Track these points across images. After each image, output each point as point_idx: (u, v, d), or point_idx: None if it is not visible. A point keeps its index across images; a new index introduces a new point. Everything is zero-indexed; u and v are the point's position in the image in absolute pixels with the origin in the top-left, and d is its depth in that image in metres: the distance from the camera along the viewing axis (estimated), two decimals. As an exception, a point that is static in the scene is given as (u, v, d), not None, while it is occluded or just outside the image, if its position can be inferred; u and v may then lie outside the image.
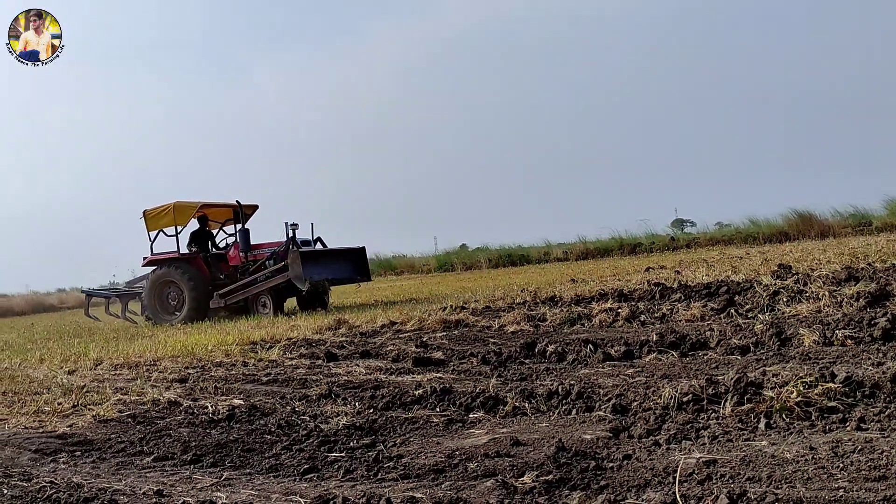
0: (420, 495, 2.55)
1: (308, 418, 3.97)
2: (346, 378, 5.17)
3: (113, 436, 3.90)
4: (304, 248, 12.71)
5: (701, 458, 2.66)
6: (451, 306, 9.63)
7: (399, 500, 2.49)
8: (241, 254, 13.20)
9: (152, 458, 3.43)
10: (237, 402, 4.50)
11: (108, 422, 4.24)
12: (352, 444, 3.41)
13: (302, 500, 2.61)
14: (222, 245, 14.33)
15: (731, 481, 2.41)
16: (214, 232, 14.58)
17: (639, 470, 2.63)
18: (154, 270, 13.29)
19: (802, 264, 9.99)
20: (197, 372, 5.93)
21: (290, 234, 12.79)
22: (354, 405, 4.20)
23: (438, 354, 5.80)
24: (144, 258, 13.53)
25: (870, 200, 23.39)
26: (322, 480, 2.92)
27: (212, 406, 4.40)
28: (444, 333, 7.22)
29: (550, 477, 2.61)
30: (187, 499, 2.71)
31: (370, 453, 3.21)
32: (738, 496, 2.19)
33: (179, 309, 12.95)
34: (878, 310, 5.61)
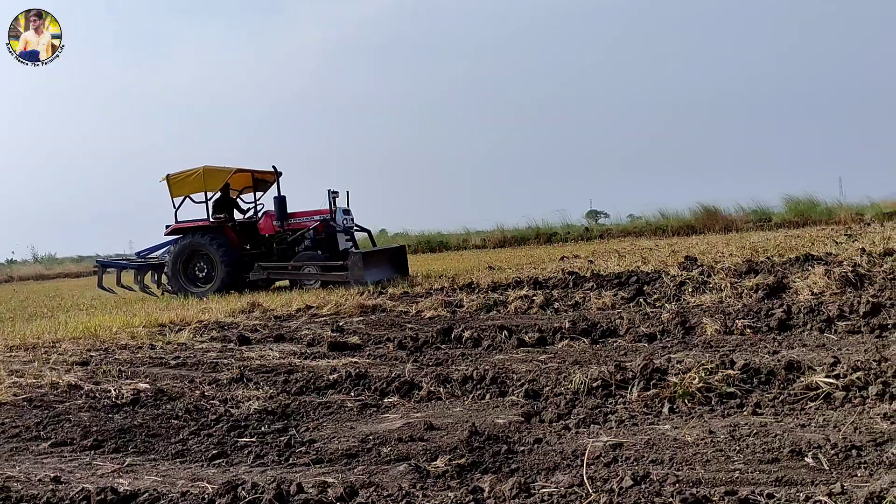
0: (332, 480, 2.53)
1: (218, 403, 3.87)
2: (258, 362, 5.06)
3: (7, 420, 3.69)
4: (364, 250, 12.08)
5: (608, 441, 2.75)
6: (369, 291, 9.59)
7: (310, 485, 2.45)
8: (275, 223, 12.39)
9: (49, 443, 3.27)
10: (143, 385, 4.34)
11: (2, 405, 4.01)
12: (263, 428, 3.35)
13: (209, 486, 2.54)
14: (249, 214, 13.44)
15: (635, 464, 2.50)
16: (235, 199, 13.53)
17: (549, 453, 2.69)
18: (178, 240, 12.30)
19: (707, 257, 10.42)
20: (100, 355, 5.68)
21: (332, 205, 12.22)
22: (267, 389, 4.12)
23: (354, 339, 5.76)
24: (167, 226, 12.51)
25: (770, 197, 24.62)
26: (231, 466, 2.85)
27: (115, 390, 4.22)
28: (361, 318, 7.18)
29: (463, 461, 2.63)
30: (86, 485, 2.59)
31: (282, 438, 3.16)
32: (642, 478, 2.27)
33: (208, 280, 12.07)
34: (774, 301, 5.94)
